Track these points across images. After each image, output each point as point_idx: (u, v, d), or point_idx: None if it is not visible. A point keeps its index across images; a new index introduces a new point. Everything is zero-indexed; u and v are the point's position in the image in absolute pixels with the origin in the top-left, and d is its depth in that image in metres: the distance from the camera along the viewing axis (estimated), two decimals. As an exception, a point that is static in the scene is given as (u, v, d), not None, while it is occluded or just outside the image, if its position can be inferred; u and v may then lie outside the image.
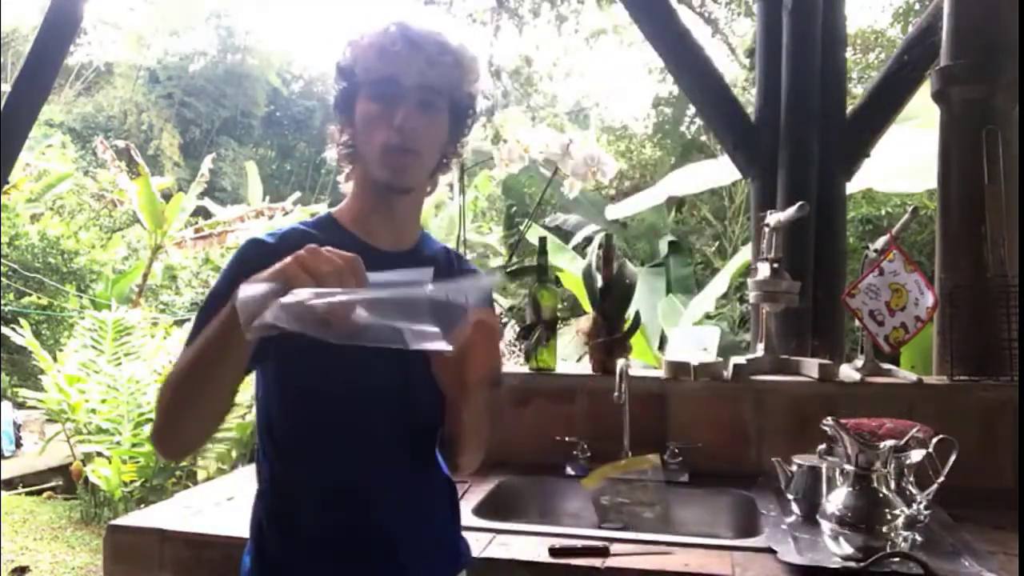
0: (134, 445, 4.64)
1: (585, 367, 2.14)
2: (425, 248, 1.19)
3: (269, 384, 1.10)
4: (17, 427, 6.23)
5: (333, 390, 1.04)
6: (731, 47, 10.55)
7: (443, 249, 1.22)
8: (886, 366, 1.95)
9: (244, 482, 1.82)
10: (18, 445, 6.17)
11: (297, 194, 11.41)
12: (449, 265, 1.20)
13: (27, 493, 5.43)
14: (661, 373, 2.01)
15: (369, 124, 1.07)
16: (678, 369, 1.97)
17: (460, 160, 1.20)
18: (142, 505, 3.86)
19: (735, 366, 1.94)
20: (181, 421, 0.99)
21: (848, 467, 1.34)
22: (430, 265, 1.08)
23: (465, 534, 1.25)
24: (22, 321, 5.67)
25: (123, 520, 1.58)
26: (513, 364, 2.44)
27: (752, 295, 2.06)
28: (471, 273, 1.23)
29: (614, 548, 1.39)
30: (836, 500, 1.33)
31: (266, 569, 1.10)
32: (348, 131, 1.11)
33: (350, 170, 1.15)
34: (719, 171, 5.16)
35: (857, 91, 6.85)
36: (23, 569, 3.98)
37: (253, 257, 1.03)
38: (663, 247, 7.48)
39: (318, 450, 1.06)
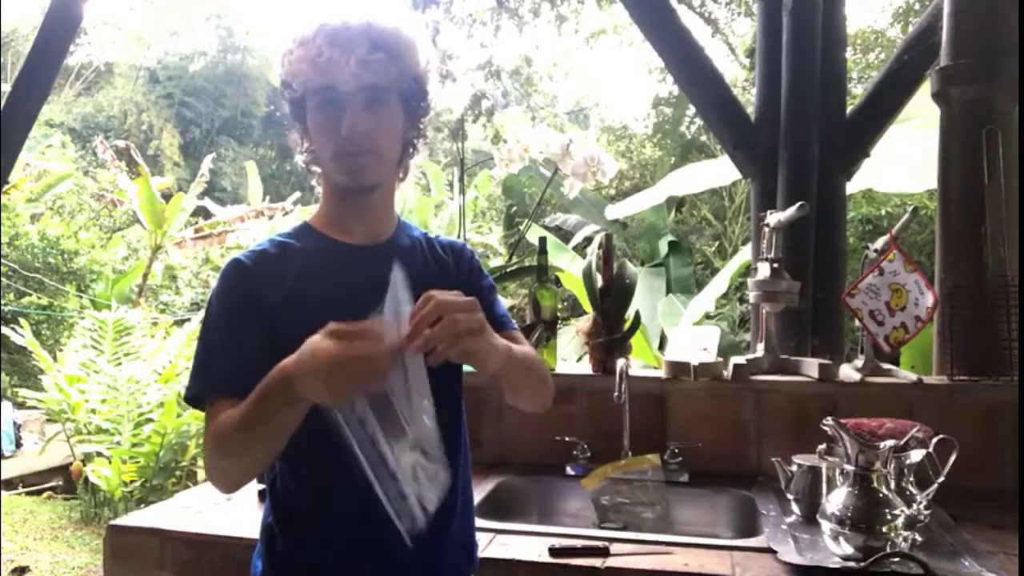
0: (134, 445, 4.64)
1: (585, 367, 2.14)
2: (401, 237, 1.18)
3: None
4: (17, 427, 6.24)
5: None
6: (731, 47, 10.54)
7: (421, 235, 1.22)
8: (886, 366, 1.95)
9: (244, 482, 1.82)
10: (18, 445, 6.18)
11: (297, 194, 11.41)
12: (431, 248, 1.21)
13: (27, 493, 5.43)
14: (661, 373, 2.01)
15: (320, 133, 1.08)
16: (678, 369, 1.97)
17: (429, 145, 1.19)
18: (142, 505, 3.86)
19: (735, 366, 1.94)
20: (242, 467, 1.04)
21: (848, 467, 1.34)
22: (406, 253, 1.09)
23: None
24: (22, 321, 5.68)
25: (123, 520, 1.58)
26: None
27: (752, 295, 2.06)
28: (451, 249, 1.23)
29: (614, 548, 1.39)
30: (836, 500, 1.33)
31: (278, 571, 1.10)
32: (306, 138, 1.12)
33: (319, 175, 1.16)
34: (719, 171, 5.16)
35: (857, 91, 6.85)
36: (23, 569, 3.98)
37: (239, 281, 1.08)
38: (663, 247, 7.49)
39: (325, 448, 1.05)
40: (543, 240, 2.16)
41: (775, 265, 1.99)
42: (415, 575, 1.09)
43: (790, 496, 1.58)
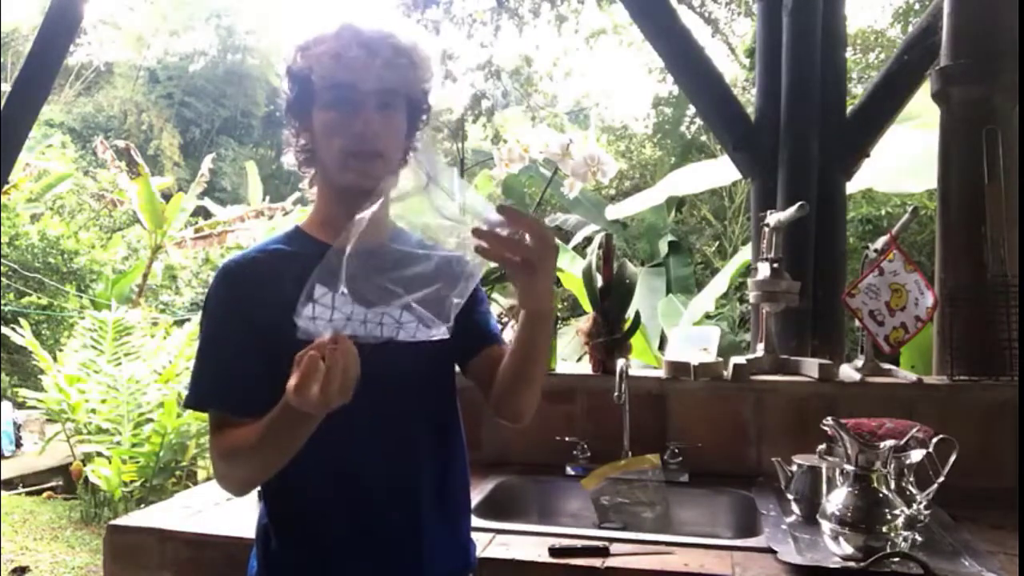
0: (134, 445, 4.64)
1: (585, 367, 2.14)
2: (397, 243, 1.18)
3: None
4: (17, 427, 6.24)
5: None
6: (731, 47, 10.55)
7: (419, 242, 1.22)
8: (886, 366, 1.95)
9: (244, 482, 1.82)
10: (18, 445, 6.18)
11: (297, 194, 11.38)
12: None
13: (27, 493, 5.43)
14: (661, 373, 2.01)
15: (329, 131, 1.07)
16: (678, 369, 1.97)
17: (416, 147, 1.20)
18: (142, 505, 3.86)
19: (735, 366, 1.94)
20: (257, 476, 1.05)
21: (848, 467, 1.34)
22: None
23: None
24: (22, 321, 5.68)
25: (123, 520, 1.58)
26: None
27: (752, 295, 2.06)
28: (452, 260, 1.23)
29: (614, 548, 1.39)
30: (836, 500, 1.33)
31: (273, 571, 1.10)
32: (305, 136, 1.11)
33: (312, 176, 1.15)
34: (719, 171, 5.17)
35: (857, 91, 6.85)
36: (23, 569, 3.98)
37: (226, 291, 1.09)
38: (663, 247, 7.49)
39: (322, 448, 1.05)
40: (543, 240, 2.15)
41: (775, 265, 1.99)
42: (412, 574, 1.09)
43: (790, 496, 1.58)
